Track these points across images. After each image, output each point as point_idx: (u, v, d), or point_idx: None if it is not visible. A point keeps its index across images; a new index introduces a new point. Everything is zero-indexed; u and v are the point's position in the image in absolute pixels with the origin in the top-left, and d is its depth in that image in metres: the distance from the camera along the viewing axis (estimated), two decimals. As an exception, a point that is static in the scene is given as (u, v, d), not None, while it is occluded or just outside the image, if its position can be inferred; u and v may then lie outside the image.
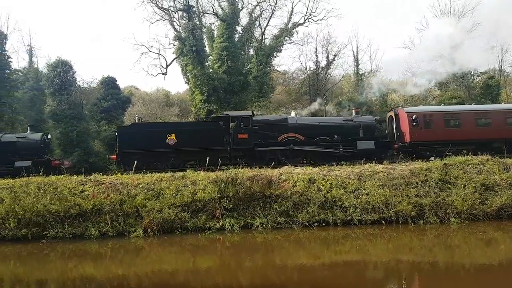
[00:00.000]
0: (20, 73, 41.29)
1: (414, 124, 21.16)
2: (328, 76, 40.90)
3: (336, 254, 11.55)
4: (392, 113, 23.00)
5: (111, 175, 17.01)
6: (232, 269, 10.42)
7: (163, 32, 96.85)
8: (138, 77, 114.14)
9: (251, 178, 15.19)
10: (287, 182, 15.39)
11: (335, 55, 40.24)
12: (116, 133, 21.76)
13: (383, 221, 13.90)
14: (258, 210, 14.37)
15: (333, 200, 14.60)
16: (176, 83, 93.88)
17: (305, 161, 21.14)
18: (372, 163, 18.11)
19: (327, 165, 18.03)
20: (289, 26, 37.15)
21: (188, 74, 35.22)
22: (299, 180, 15.37)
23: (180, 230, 13.80)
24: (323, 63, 40.47)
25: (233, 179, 14.97)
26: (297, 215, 14.16)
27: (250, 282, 9.25)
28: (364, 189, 15.05)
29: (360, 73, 39.02)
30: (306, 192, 14.86)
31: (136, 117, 24.19)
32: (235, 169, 16.23)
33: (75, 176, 16.54)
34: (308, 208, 14.27)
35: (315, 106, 27.78)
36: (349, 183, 15.39)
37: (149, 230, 13.60)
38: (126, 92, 46.34)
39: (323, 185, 15.12)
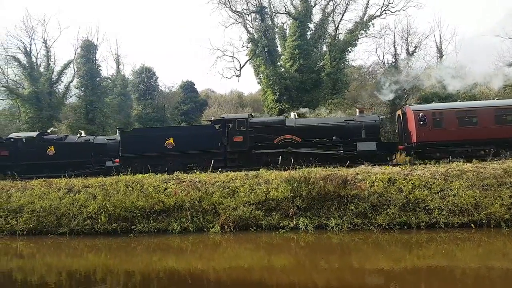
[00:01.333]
0: (109, 80, 45.35)
1: (421, 123, 19.40)
2: (409, 69, 38.48)
3: (419, 258, 10.77)
4: (400, 112, 21.30)
5: (190, 173, 17.81)
6: (307, 269, 10.26)
7: (237, 35, 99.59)
8: (214, 80, 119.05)
9: (324, 177, 14.85)
10: (363, 182, 14.74)
11: (415, 47, 37.74)
12: (119, 138, 22.67)
13: (472, 224, 12.67)
14: (332, 211, 13.99)
15: (416, 201, 13.65)
16: (249, 84, 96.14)
17: (299, 165, 18.70)
18: (387, 165, 17.27)
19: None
20: (365, 19, 35.68)
21: (261, 75, 35.71)
22: (377, 180, 14.64)
23: (254, 228, 14.00)
24: (402, 55, 38.23)
25: (305, 179, 14.77)
26: (376, 216, 13.50)
27: (326, 283, 9.02)
28: (450, 189, 13.84)
29: (445, 64, 36.04)
30: (385, 192, 14.09)
31: (212, 118, 25.14)
32: (307, 168, 16.00)
33: (159, 175, 17.65)
34: (388, 209, 13.52)
35: (390, 96, 25.70)
36: (433, 183, 14.26)
37: (225, 226, 14.04)
38: (203, 95, 48.56)
39: (404, 186, 14.21)
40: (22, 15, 78.49)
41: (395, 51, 37.99)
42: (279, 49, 36.99)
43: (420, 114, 19.54)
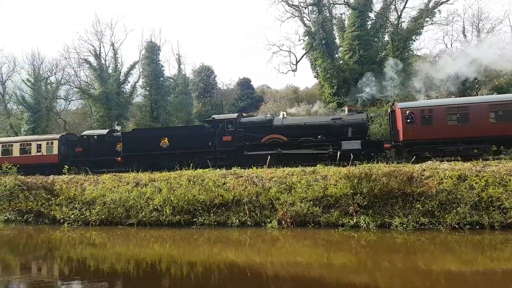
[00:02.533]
0: (171, 80, 47.37)
1: (408, 121, 18.73)
2: (480, 55, 35.47)
3: (493, 261, 9.92)
4: (390, 109, 20.48)
5: (246, 169, 18.03)
6: (368, 269, 9.90)
7: (293, 29, 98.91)
8: (269, 76, 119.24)
9: (387, 174, 14.21)
10: (431, 179, 13.87)
11: (487, 33, 34.72)
12: (121, 138, 24.08)
13: (558, 227, 11.38)
14: (397, 209, 13.36)
15: (490, 199, 12.58)
16: (305, 78, 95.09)
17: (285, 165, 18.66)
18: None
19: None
20: (430, 5, 33.45)
21: (318, 68, 35.09)
22: (446, 177, 13.70)
23: (312, 224, 13.84)
24: (473, 42, 35.35)
25: (367, 175, 14.26)
26: (444, 215, 12.66)
27: (389, 283, 8.63)
28: (530, 187, 12.56)
29: (522, 50, 32.75)
30: (455, 190, 13.16)
31: (268, 114, 25.20)
32: (368, 164, 15.42)
33: (218, 170, 18.10)
34: (458, 208, 12.62)
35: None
36: (510, 180, 13.03)
37: (283, 222, 14.04)
38: (258, 91, 48.92)
39: (476, 183, 13.15)
40: (91, 20, 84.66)
41: (465, 37, 35.30)
42: (337, 41, 36.05)
43: (407, 112, 18.93)
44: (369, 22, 34.80)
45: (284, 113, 23.03)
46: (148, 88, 42.39)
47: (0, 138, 33.25)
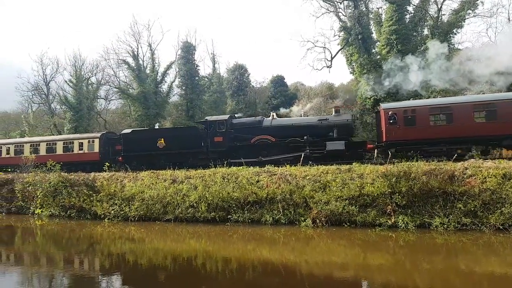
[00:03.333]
0: (206, 79, 48.10)
1: (390, 121, 18.83)
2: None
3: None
4: (376, 110, 20.24)
5: (281, 167, 17.96)
6: (406, 270, 9.60)
7: (328, 25, 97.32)
8: (303, 73, 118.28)
9: (428, 172, 13.70)
10: (474, 178, 13.23)
11: (537, 23, 32.56)
12: (121, 138, 25.15)
13: None
14: (437, 209, 12.87)
15: (539, 200, 11.83)
16: (340, 75, 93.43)
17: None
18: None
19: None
20: (472, -3, 31.86)
21: (354, 64, 34.37)
22: (489, 176, 13.02)
23: (348, 224, 13.60)
24: (519, 34, 33.24)
25: (405, 173, 13.82)
26: (488, 216, 12.08)
27: (428, 286, 8.31)
28: None
29: None
30: (499, 189, 12.50)
31: (302, 112, 24.99)
32: (407, 163, 14.93)
33: (251, 168, 18.17)
34: (503, 208, 11.99)
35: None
36: (561, 179, 12.19)
37: (317, 220, 13.89)
38: (292, 88, 48.60)
39: (523, 182, 12.41)
40: (129, 22, 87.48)
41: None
42: (374, 35, 35.12)
43: (390, 113, 19.02)
44: (408, 16, 33.63)
45: (274, 114, 23.43)
46: (184, 88, 43.28)
47: (44, 136, 35.12)
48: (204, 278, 9.30)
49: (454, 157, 16.21)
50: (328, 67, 37.88)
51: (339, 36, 35.62)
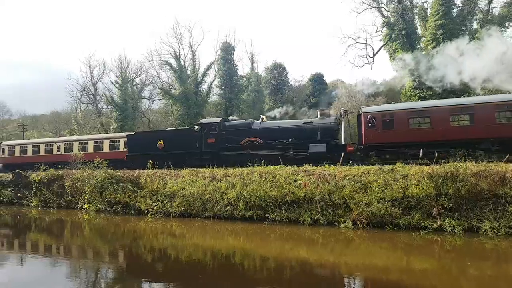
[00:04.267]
0: (244, 78, 48.44)
1: (369, 125, 19.42)
2: None
3: None
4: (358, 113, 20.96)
5: (320, 166, 17.70)
6: (453, 275, 9.12)
7: (370, 21, 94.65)
8: (343, 70, 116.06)
9: (476, 173, 12.96)
10: (528, 180, 12.34)
11: None
12: (126, 140, 26.99)
13: None
14: (486, 212, 12.15)
15: None
16: (382, 71, 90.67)
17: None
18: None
19: None
20: (528, -13, 29.77)
21: (397, 60, 33.25)
22: (547, 178, 12.09)
23: (390, 226, 13.16)
24: None
25: (453, 175, 13.15)
26: (545, 221, 11.19)
27: (478, 294, 7.85)
28: None
29: None
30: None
31: (341, 110, 24.45)
32: (454, 163, 14.19)
33: (289, 167, 18.06)
34: (563, 214, 11.06)
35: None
36: None
37: (358, 222, 13.55)
38: (332, 86, 47.75)
39: None
40: (172, 24, 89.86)
41: None
42: (419, 31, 33.80)
43: (369, 116, 19.52)
44: (455, 10, 32.04)
45: (264, 117, 24.25)
46: (222, 87, 43.88)
47: (92, 135, 36.93)
48: (242, 276, 9.34)
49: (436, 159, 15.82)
50: (370, 63, 36.94)
51: (382, 32, 34.65)
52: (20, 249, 13.56)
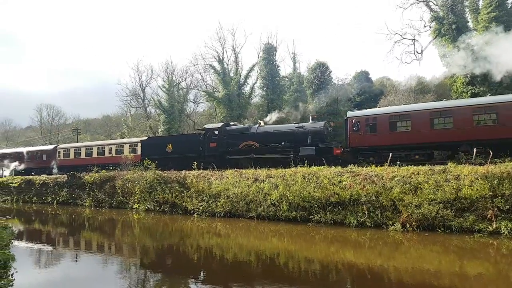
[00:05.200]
0: (286, 79, 48.28)
1: (354, 129, 20.11)
2: None
3: None
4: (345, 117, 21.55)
5: (365, 166, 17.26)
6: (510, 281, 8.53)
7: (417, 16, 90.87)
8: (390, 67, 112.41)
9: (538, 173, 12.02)
10: None
11: None
12: (140, 144, 29.78)
13: None
14: (550, 215, 11.22)
15: None
16: (431, 68, 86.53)
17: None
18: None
19: None
20: None
21: (447, 56, 31.60)
22: None
23: (442, 229, 12.57)
24: None
25: (509, 175, 12.33)
26: None
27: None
28: None
29: None
30: None
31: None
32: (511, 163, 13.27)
33: (333, 167, 17.78)
34: None
35: None
36: None
37: (407, 225, 13.07)
38: (377, 84, 46.38)
39: None
40: (215, 28, 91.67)
41: None
42: (470, 24, 31.90)
43: (353, 120, 20.19)
44: (510, 1, 29.92)
45: (261, 122, 25.71)
46: (265, 89, 44.01)
47: (141, 137, 38.56)
48: (287, 277, 9.33)
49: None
50: (418, 60, 35.44)
51: (430, 27, 33.11)
52: (75, 247, 14.46)
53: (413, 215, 13.10)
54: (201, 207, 19.01)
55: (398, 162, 17.68)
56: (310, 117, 23.74)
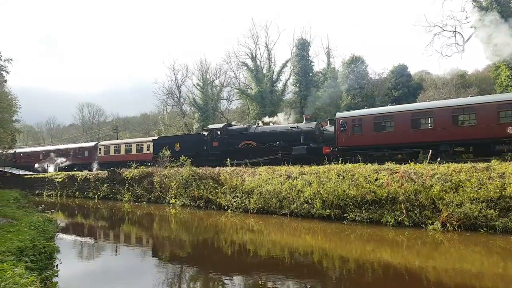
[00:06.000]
0: (320, 74, 47.59)
1: (341, 129, 20.99)
2: None
3: None
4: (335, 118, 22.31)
5: (402, 164, 16.71)
6: None
7: (459, 7, 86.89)
8: (430, 61, 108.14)
9: None
10: None
11: None
12: (152, 143, 31.93)
13: None
14: None
15: None
16: (474, 61, 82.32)
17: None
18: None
19: None
20: None
21: (492, 48, 29.92)
22: None
23: (485, 229, 11.98)
24: None
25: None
26: None
27: None
28: None
29: None
30: None
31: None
32: None
33: (369, 165, 17.37)
34: None
35: None
36: None
37: (448, 224, 12.57)
38: (416, 78, 44.72)
39: None
40: (248, 24, 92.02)
41: None
42: (516, 13, 30.01)
43: (341, 121, 21.20)
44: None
45: (260, 122, 27.37)
46: (298, 85, 43.65)
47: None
48: (321, 275, 9.24)
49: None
50: (459, 52, 33.83)
51: (473, 18, 31.46)
52: (114, 240, 15.04)
53: (454, 214, 12.57)
54: (234, 203, 19.20)
55: (439, 159, 17.06)
56: (304, 118, 25.13)
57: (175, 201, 22.92)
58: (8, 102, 19.29)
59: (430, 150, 17.50)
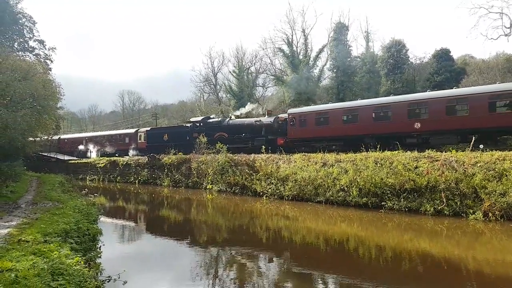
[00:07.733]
0: (358, 59, 46.31)
1: (291, 123, 24.80)
2: None
3: None
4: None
5: (443, 152, 16.14)
6: None
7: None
8: (474, 45, 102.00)
9: None
10: None
11: None
12: (147, 133, 37.22)
13: None
14: None
15: None
16: (525, 42, 76.76)
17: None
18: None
19: None
20: None
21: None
22: None
23: (532, 220, 11.42)
24: None
25: None
26: None
27: None
28: None
29: None
30: None
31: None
32: None
33: (408, 152, 16.92)
34: None
35: None
36: None
37: (490, 214, 12.12)
38: (459, 62, 42.53)
39: None
40: (285, 9, 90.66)
41: None
42: None
43: (290, 116, 24.92)
44: None
45: (232, 116, 31.66)
46: (335, 70, 42.82)
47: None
48: (357, 263, 9.26)
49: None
50: (506, 35, 31.78)
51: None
52: (154, 224, 15.71)
53: (496, 203, 12.09)
54: (269, 190, 19.40)
55: (482, 146, 16.32)
56: (266, 112, 28.63)
57: (212, 186, 23.49)
58: (52, 89, 20.24)
59: (473, 137, 16.64)
